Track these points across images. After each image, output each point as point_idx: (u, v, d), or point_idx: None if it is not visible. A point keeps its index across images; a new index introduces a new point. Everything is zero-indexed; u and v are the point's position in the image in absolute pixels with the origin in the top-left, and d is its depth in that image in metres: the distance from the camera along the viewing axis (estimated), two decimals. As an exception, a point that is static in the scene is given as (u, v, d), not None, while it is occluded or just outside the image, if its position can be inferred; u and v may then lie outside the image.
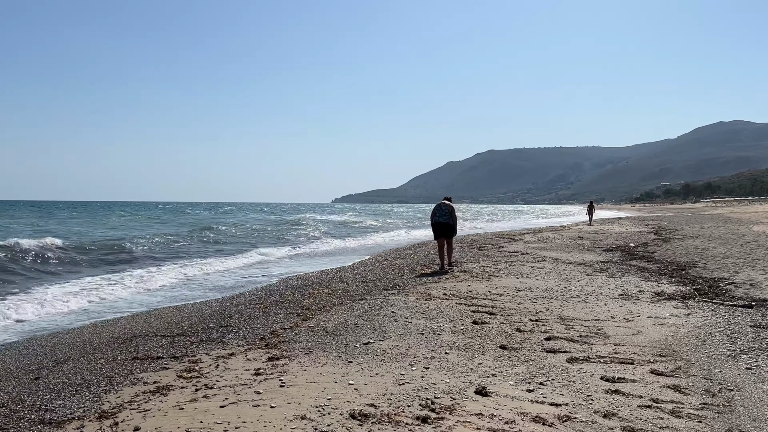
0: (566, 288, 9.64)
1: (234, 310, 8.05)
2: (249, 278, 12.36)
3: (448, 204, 13.39)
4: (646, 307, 8.00)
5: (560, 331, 6.35)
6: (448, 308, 7.57)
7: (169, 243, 21.46)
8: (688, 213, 64.78)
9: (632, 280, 10.82)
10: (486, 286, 9.70)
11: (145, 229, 31.80)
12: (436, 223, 13.10)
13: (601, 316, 7.25)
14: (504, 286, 9.79)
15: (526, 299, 8.44)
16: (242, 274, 13.32)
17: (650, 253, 15.99)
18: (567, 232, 28.49)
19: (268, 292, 9.79)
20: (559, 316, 7.22)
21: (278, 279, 11.74)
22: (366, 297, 8.59)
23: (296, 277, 11.94)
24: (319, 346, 5.62)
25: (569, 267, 12.93)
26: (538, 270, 12.20)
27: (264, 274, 12.98)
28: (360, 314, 7.13)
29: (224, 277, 12.79)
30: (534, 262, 13.93)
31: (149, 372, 4.98)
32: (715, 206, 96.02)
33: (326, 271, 12.97)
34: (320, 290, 9.52)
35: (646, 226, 32.97)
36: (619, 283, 10.40)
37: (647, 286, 10.00)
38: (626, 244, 19.51)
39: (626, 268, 12.66)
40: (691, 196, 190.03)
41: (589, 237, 23.69)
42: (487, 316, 7.08)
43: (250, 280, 12.07)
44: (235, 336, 6.29)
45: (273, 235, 27.82)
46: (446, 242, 13.18)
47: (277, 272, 13.28)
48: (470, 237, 25.74)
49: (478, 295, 8.76)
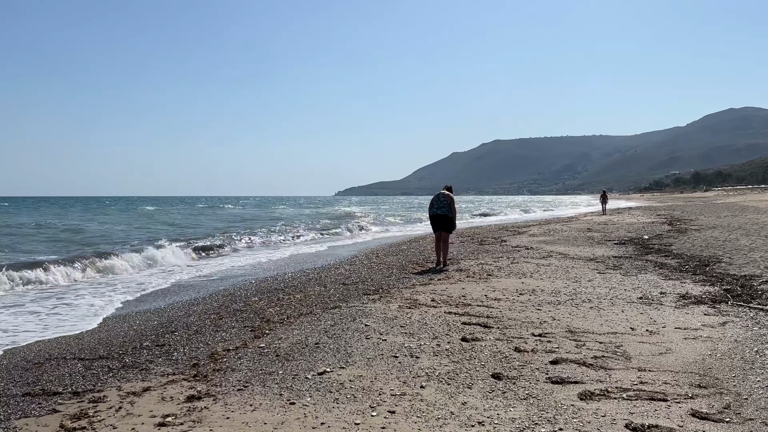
0: (576, 290, 8.46)
1: (182, 321, 6.90)
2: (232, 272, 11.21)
3: (448, 194, 12.31)
4: (672, 314, 6.81)
5: (569, 350, 5.17)
6: (435, 319, 6.39)
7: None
8: (699, 202, 63.36)
9: (651, 278, 9.63)
10: (483, 289, 8.52)
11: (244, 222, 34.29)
12: (434, 216, 12.12)
13: (619, 328, 6.07)
14: (504, 288, 8.60)
15: (529, 305, 7.26)
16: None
17: (667, 247, 14.78)
18: (575, 223, 27.26)
19: (233, 297, 8.64)
20: (567, 328, 6.04)
21: (255, 279, 10.60)
22: (341, 305, 7.42)
23: (272, 278, 10.79)
24: (260, 377, 4.46)
25: (578, 263, 11.74)
26: (543, 268, 11.01)
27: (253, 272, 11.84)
28: (326, 329, 5.97)
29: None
30: (539, 258, 12.74)
31: (29, 418, 3.84)
32: (727, 195, 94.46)
33: (306, 270, 11.82)
34: (292, 296, 8.36)
35: (659, 216, 31.70)
36: (636, 282, 9.21)
37: (669, 286, 8.82)
38: (639, 236, 18.28)
39: (642, 264, 11.47)
40: (702, 185, 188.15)
41: (598, 229, 22.46)
42: (480, 330, 5.91)
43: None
44: (165, 360, 5.15)
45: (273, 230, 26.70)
46: (443, 237, 12.14)
47: (263, 272, 12.15)
48: (472, 230, 24.55)
49: (472, 300, 7.59)
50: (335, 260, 13.74)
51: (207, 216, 43.19)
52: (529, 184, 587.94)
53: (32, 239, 20.87)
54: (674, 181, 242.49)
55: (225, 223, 33.66)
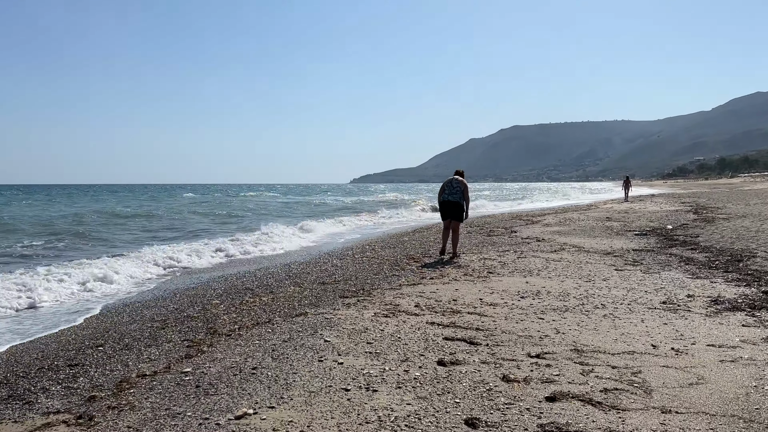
0: (588, 291, 7.34)
1: (120, 330, 5.92)
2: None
3: (461, 180, 11.41)
4: (702, 324, 5.69)
5: (573, 379, 4.10)
6: (412, 333, 5.34)
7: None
8: (725, 189, 61.39)
9: (675, 276, 8.47)
10: (479, 291, 7.43)
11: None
12: (445, 202, 11.27)
13: (638, 345, 4.97)
14: (504, 289, 7.51)
15: (530, 313, 6.16)
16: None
17: (693, 238, 13.54)
18: (593, 211, 25.97)
19: (193, 299, 7.65)
20: (573, 345, 4.95)
21: (236, 271, 9.61)
22: (308, 311, 6.39)
23: (250, 274, 9.80)
24: (160, 420, 3.44)
25: (593, 258, 10.59)
26: (553, 264, 9.88)
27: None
28: (275, 346, 4.94)
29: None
30: (550, 251, 11.59)
31: None
32: (754, 181, 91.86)
33: (292, 264, 10.82)
34: (258, 298, 7.35)
35: (683, 203, 30.24)
36: (658, 281, 8.06)
37: (697, 286, 7.66)
38: (662, 226, 17.02)
39: (666, 259, 10.30)
40: (727, 171, 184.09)
41: (618, 217, 21.18)
42: (464, 348, 4.84)
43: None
44: (63, 389, 4.15)
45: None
46: (453, 226, 11.22)
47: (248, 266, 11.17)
48: (483, 219, 23.39)
49: (463, 306, 6.51)
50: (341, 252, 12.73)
51: (263, 203, 44.51)
52: (549, 171, 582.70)
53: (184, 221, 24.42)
54: (698, 168, 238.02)
55: (306, 208, 35.83)
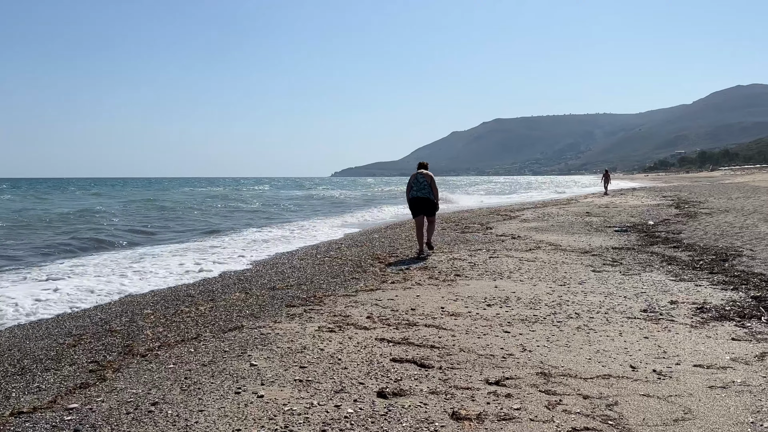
0: (561, 297, 6.71)
1: (25, 349, 5.16)
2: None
3: (427, 174, 11.30)
4: (687, 337, 5.08)
5: (536, 414, 3.44)
6: (356, 353, 4.65)
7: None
8: (706, 182, 61.69)
9: (657, 279, 7.89)
10: (443, 297, 6.77)
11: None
12: (414, 199, 11.18)
13: (614, 366, 4.33)
14: (469, 296, 6.85)
15: (495, 325, 5.51)
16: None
17: (675, 234, 13.04)
18: (573, 206, 25.52)
19: (133, 309, 6.88)
20: (539, 367, 4.30)
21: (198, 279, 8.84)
22: (245, 323, 5.68)
23: (197, 281, 9.05)
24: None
25: (570, 258, 10.00)
26: (526, 264, 9.25)
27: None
28: (191, 372, 4.22)
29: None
30: (524, 250, 10.98)
31: None
32: (735, 174, 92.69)
33: (245, 269, 10.08)
34: (195, 307, 6.61)
35: (664, 197, 29.97)
36: (638, 285, 7.47)
37: (681, 290, 7.08)
38: (644, 222, 16.55)
39: (647, 258, 9.74)
40: (708, 165, 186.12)
41: (598, 212, 20.71)
42: (412, 374, 4.17)
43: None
44: None
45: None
46: (428, 219, 11.17)
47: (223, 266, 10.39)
48: (459, 214, 22.79)
49: (422, 316, 5.84)
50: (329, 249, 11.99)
51: (275, 198, 43.94)
52: (531, 164, 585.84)
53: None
54: (680, 161, 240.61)
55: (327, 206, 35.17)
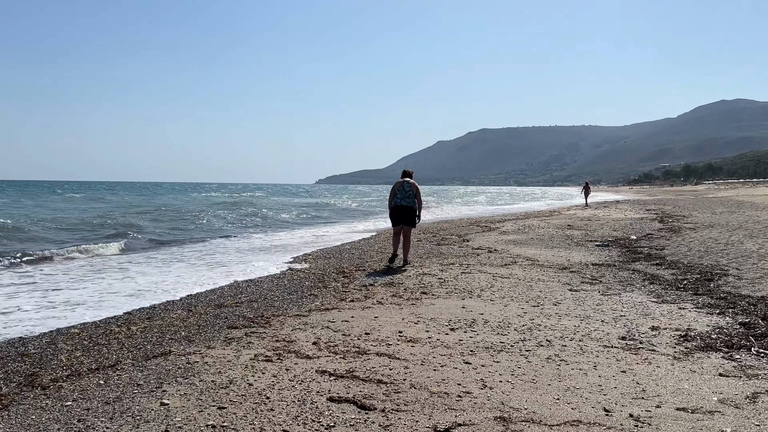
0: (533, 321, 6.16)
1: None
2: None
3: (412, 183, 11.00)
4: (669, 371, 4.54)
5: (488, 475, 2.87)
6: (289, 389, 4.04)
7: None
8: (690, 196, 61.89)
9: (638, 300, 7.38)
10: (402, 320, 6.18)
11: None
12: (397, 207, 10.79)
13: (586, 409, 3.77)
14: (432, 317, 6.27)
15: (456, 354, 4.93)
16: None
17: (659, 251, 12.60)
18: (555, 218, 25.12)
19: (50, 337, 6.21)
20: (499, 410, 3.72)
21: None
22: (173, 349, 5.05)
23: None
24: None
25: (547, 274, 9.47)
26: (500, 282, 8.70)
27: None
28: (88, 412, 3.58)
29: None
30: (500, 265, 10.45)
31: None
32: (718, 189, 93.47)
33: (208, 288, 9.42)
34: (125, 327, 5.97)
35: (648, 211, 29.70)
36: (618, 306, 6.94)
37: (663, 314, 6.56)
38: (626, 236, 16.12)
39: (628, 277, 9.24)
40: (692, 178, 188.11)
41: (580, 225, 20.29)
42: (350, 417, 3.57)
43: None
44: None
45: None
46: (405, 232, 10.67)
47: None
48: (438, 225, 22.29)
49: (374, 343, 5.24)
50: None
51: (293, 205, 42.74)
52: (516, 175, 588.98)
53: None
54: (664, 174, 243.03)
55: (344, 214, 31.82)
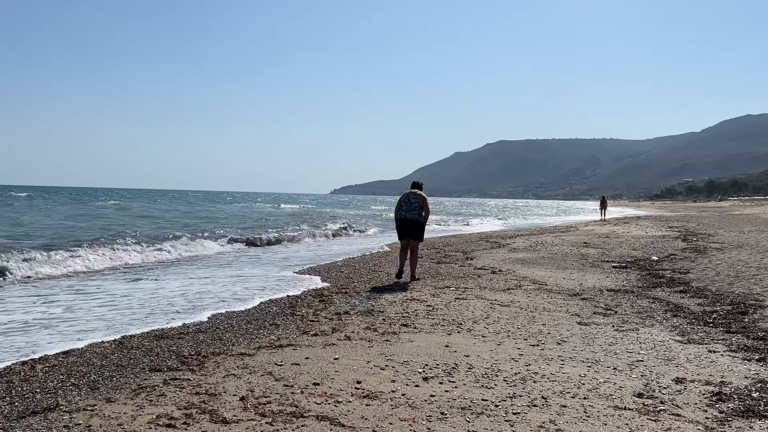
0: (529, 367, 5.07)
1: None
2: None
3: (420, 194, 10.60)
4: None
5: None
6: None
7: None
8: (715, 212, 60.12)
9: (659, 339, 6.26)
10: (368, 362, 5.11)
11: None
12: (403, 220, 10.46)
13: None
14: (405, 360, 5.21)
15: (421, 418, 3.86)
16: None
17: (683, 274, 11.44)
18: (571, 234, 23.93)
19: None
20: None
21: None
22: (64, 400, 4.07)
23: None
24: None
25: (554, 302, 8.37)
26: (498, 310, 7.62)
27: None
28: None
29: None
30: (501, 290, 9.36)
31: None
32: (744, 205, 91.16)
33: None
34: (30, 368, 5.01)
35: (670, 228, 28.39)
36: (635, 348, 5.83)
37: (689, 358, 5.45)
38: (647, 256, 14.96)
39: (648, 307, 8.13)
40: (716, 194, 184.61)
41: (597, 243, 19.11)
42: None
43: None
44: None
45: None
46: (412, 246, 10.53)
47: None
48: (446, 239, 21.22)
49: (319, 400, 4.17)
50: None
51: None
52: (535, 188, 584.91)
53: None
54: (687, 189, 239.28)
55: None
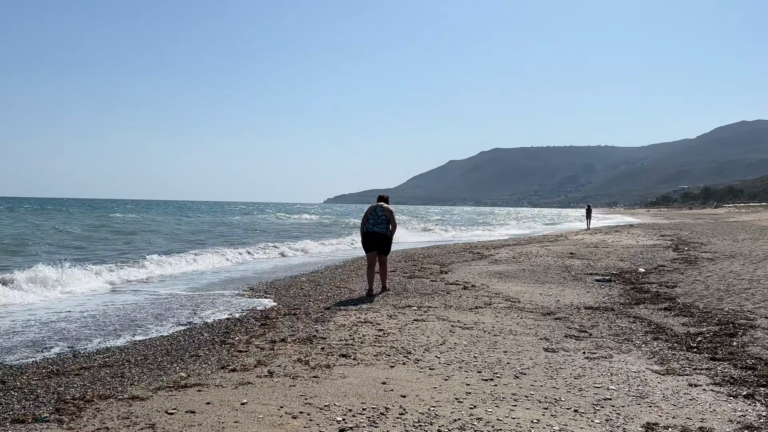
0: (473, 412, 4.21)
1: None
2: None
3: (386, 207, 10.39)
4: None
5: None
6: None
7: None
8: (710, 220, 59.65)
9: (634, 368, 5.47)
10: (277, 410, 4.25)
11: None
12: (370, 233, 10.22)
13: None
14: (326, 404, 4.37)
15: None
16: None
17: (669, 288, 10.69)
18: (559, 244, 23.18)
19: None
20: None
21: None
22: None
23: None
24: None
25: (524, 322, 7.59)
26: (457, 334, 6.82)
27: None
28: None
29: None
30: (468, 309, 8.56)
31: None
32: (739, 212, 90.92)
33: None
34: None
35: (662, 236, 27.71)
36: (604, 382, 5.04)
37: (665, 395, 4.65)
38: (633, 268, 14.21)
39: (627, 328, 7.35)
40: (712, 201, 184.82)
41: (584, 254, 18.36)
42: None
43: None
44: None
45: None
46: (381, 259, 10.34)
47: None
48: (427, 251, 20.45)
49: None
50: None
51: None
52: (530, 196, 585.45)
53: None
54: (682, 196, 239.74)
55: None
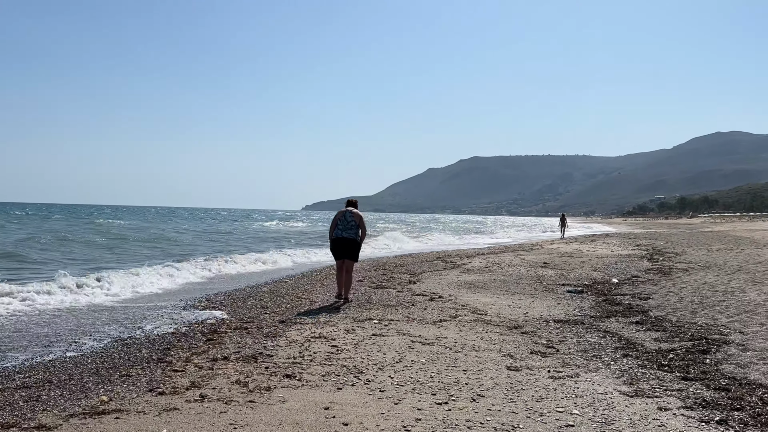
0: (420, 441, 3.87)
1: None
2: None
3: (356, 212, 10.29)
4: None
5: None
6: None
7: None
8: (685, 229, 60.13)
9: (601, 389, 5.10)
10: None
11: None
12: (339, 239, 10.12)
13: None
14: (255, 433, 3.96)
15: None
16: None
17: (642, 300, 10.40)
18: (533, 253, 22.93)
19: None
20: None
21: None
22: None
23: None
24: None
25: (489, 337, 7.20)
26: (416, 350, 6.40)
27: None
28: None
29: None
30: (432, 322, 8.15)
31: None
32: (714, 222, 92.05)
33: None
34: None
35: (638, 246, 27.64)
36: (568, 405, 4.65)
37: (632, 420, 4.28)
38: (607, 279, 13.94)
39: (596, 343, 7.00)
40: (687, 211, 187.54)
41: (558, 263, 18.09)
42: None
43: None
44: None
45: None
46: (347, 266, 10.16)
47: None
48: (399, 259, 20.03)
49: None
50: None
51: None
52: (509, 204, 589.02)
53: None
54: (659, 206, 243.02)
55: None
